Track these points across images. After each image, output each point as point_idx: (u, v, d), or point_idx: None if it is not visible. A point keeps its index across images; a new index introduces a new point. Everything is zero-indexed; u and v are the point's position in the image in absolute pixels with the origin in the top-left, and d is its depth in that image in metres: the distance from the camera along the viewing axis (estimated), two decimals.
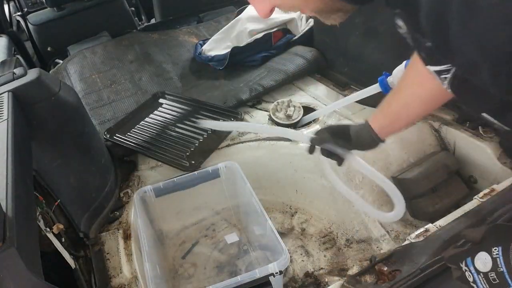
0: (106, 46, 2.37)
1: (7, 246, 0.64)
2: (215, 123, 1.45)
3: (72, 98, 1.19)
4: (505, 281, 0.54)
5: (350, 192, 1.14)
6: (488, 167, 1.29)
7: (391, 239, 1.31)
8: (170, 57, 2.20)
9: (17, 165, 0.80)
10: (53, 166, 1.13)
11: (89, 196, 1.28)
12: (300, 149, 1.47)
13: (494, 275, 0.55)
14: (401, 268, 0.82)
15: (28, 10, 2.78)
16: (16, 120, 0.93)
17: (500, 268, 0.54)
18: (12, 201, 0.71)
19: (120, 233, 1.26)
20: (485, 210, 0.90)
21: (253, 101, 1.75)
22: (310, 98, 1.74)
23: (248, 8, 2.16)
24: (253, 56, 1.96)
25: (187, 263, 1.44)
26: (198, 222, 1.57)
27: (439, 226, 0.91)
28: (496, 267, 0.55)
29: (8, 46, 2.30)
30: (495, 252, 0.56)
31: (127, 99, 1.90)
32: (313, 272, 1.32)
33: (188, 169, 1.40)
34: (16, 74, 1.08)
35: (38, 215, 0.97)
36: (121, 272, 1.14)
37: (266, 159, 1.53)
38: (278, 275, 1.04)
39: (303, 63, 1.83)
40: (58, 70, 2.22)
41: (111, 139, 1.56)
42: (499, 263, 0.55)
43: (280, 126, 1.56)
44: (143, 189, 1.37)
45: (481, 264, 0.57)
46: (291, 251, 1.39)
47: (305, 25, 2.05)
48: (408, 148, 1.43)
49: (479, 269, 0.58)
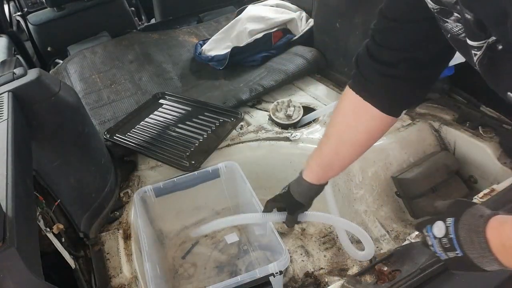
0: (106, 46, 2.37)
1: (7, 246, 0.64)
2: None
3: (72, 98, 1.19)
4: (453, 246, 0.64)
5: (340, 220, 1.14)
6: (488, 167, 1.29)
7: (391, 239, 1.31)
8: (170, 57, 2.20)
9: (17, 165, 0.80)
10: (53, 166, 1.13)
11: (89, 196, 1.28)
12: (301, 149, 1.47)
13: (446, 240, 0.66)
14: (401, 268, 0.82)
15: (28, 10, 2.78)
16: (16, 120, 0.93)
17: (451, 235, 0.65)
18: (12, 201, 0.71)
19: (120, 233, 1.26)
20: None
21: (253, 101, 1.75)
22: (310, 98, 1.74)
23: (248, 8, 2.16)
24: (253, 56, 1.96)
25: (187, 263, 1.44)
26: (198, 222, 1.56)
27: None
28: (448, 234, 0.65)
29: (8, 46, 2.30)
30: (448, 222, 0.66)
31: (127, 99, 1.90)
32: (313, 272, 1.32)
33: (188, 169, 1.40)
34: (16, 74, 1.08)
35: (38, 215, 0.97)
36: (121, 272, 1.14)
37: (266, 159, 1.53)
38: (278, 275, 1.04)
39: (303, 63, 1.83)
40: (58, 70, 2.22)
41: (111, 139, 1.56)
42: (450, 231, 0.65)
43: (280, 128, 1.57)
44: (143, 189, 1.37)
45: (437, 231, 0.68)
46: (291, 251, 1.39)
47: (305, 25, 2.05)
48: (408, 148, 1.43)
49: (436, 235, 0.68)
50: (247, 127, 1.60)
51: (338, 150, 0.91)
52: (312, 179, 0.97)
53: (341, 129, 0.90)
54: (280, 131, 1.55)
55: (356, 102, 0.85)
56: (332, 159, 0.93)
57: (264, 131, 1.56)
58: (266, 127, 1.58)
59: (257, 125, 1.60)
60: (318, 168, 0.96)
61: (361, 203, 1.37)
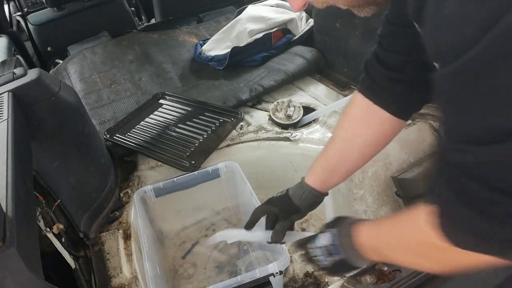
0: (106, 46, 2.37)
1: (7, 246, 0.64)
2: None
3: (72, 98, 1.19)
4: (337, 250, 0.77)
5: None
6: None
7: None
8: (170, 57, 2.20)
9: (17, 165, 0.80)
10: (53, 166, 1.13)
11: (89, 196, 1.28)
12: (301, 149, 1.47)
13: (332, 247, 0.78)
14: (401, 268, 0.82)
15: (28, 10, 2.78)
16: (16, 120, 0.93)
17: (336, 242, 0.78)
18: (12, 201, 0.71)
19: (120, 233, 1.26)
20: None
21: (253, 101, 1.75)
22: (310, 98, 1.74)
23: (248, 8, 2.16)
24: (253, 56, 1.96)
25: (187, 263, 1.44)
26: (198, 222, 1.57)
27: None
28: (333, 241, 0.78)
29: (8, 46, 2.30)
30: (333, 232, 0.79)
31: (127, 99, 1.90)
32: (313, 272, 1.32)
33: (188, 169, 1.40)
34: (16, 74, 1.08)
35: (38, 215, 0.97)
36: (121, 272, 1.14)
37: (266, 159, 1.53)
38: (278, 275, 1.04)
39: (303, 63, 1.83)
40: (58, 70, 2.22)
41: (111, 139, 1.56)
42: (335, 239, 0.78)
43: (280, 128, 1.57)
44: (143, 189, 1.37)
45: (324, 241, 0.80)
46: (291, 251, 1.39)
47: (305, 25, 2.05)
48: (408, 148, 1.43)
49: (323, 244, 0.80)
50: (247, 127, 1.60)
51: (345, 154, 0.90)
52: (314, 183, 0.94)
53: (350, 132, 0.89)
54: (280, 131, 1.55)
55: (365, 106, 0.85)
56: (338, 163, 0.91)
57: (264, 131, 1.56)
58: (266, 127, 1.58)
59: (257, 125, 1.60)
60: (322, 171, 0.93)
61: (361, 203, 1.37)
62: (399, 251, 0.69)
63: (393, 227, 0.69)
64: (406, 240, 0.66)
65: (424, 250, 0.63)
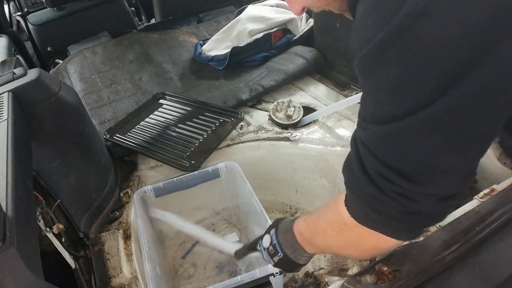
0: (106, 46, 2.37)
1: (7, 246, 0.64)
2: None
3: (72, 98, 1.19)
4: (277, 250, 0.81)
5: None
6: (488, 167, 1.29)
7: None
8: (170, 57, 2.20)
9: (17, 165, 0.80)
10: (53, 166, 1.12)
11: (89, 196, 1.28)
12: (301, 149, 1.47)
13: (271, 247, 0.82)
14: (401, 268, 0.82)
15: (28, 10, 2.78)
16: (16, 120, 0.93)
17: (274, 241, 0.81)
18: (12, 201, 0.71)
19: (120, 233, 1.26)
20: (485, 210, 0.90)
21: (253, 101, 1.75)
22: (310, 98, 1.74)
23: (248, 8, 2.16)
24: (253, 56, 1.96)
25: (187, 263, 1.44)
26: (198, 222, 1.57)
27: (439, 226, 0.91)
28: (272, 241, 0.82)
29: (8, 46, 2.31)
30: (272, 232, 0.83)
31: (127, 99, 1.90)
32: (313, 272, 1.32)
33: (188, 169, 1.40)
34: (16, 74, 1.08)
35: (38, 215, 0.97)
36: (121, 272, 1.14)
37: (266, 159, 1.53)
38: (278, 275, 1.04)
39: (303, 63, 1.83)
40: (58, 70, 2.22)
41: (111, 139, 1.56)
42: (273, 239, 0.82)
43: (280, 128, 1.57)
44: (143, 189, 1.37)
45: (265, 242, 0.84)
46: None
47: (305, 25, 2.05)
48: None
49: (265, 246, 0.84)
50: (247, 127, 1.60)
51: None
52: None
53: None
54: (280, 131, 1.55)
55: None
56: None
57: (264, 131, 1.56)
58: (266, 127, 1.58)
59: (257, 125, 1.60)
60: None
61: None
62: (326, 236, 0.71)
63: (322, 213, 0.72)
64: (329, 223, 0.69)
65: (337, 229, 0.67)
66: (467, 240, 0.83)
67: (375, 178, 0.52)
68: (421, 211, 0.52)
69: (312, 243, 0.77)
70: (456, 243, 0.82)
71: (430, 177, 0.49)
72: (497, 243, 0.82)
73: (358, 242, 0.64)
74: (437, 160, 0.48)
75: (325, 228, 0.70)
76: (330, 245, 0.72)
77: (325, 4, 0.65)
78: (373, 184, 0.52)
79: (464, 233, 0.84)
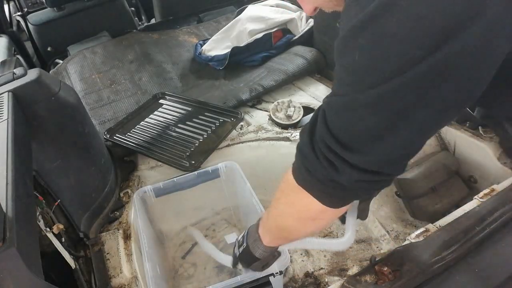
0: (106, 46, 2.37)
1: (7, 246, 0.64)
2: None
3: (72, 98, 1.19)
4: (244, 241, 0.90)
5: None
6: (488, 167, 1.29)
7: (391, 239, 1.31)
8: (170, 57, 2.20)
9: (17, 165, 0.80)
10: (53, 166, 1.12)
11: (89, 196, 1.28)
12: None
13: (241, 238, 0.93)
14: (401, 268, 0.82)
15: (28, 10, 2.78)
16: (16, 120, 0.93)
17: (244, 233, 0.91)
18: (12, 201, 0.71)
19: (120, 233, 1.26)
20: (485, 210, 0.90)
21: (253, 101, 1.75)
22: (310, 98, 1.74)
23: (248, 8, 2.16)
24: (253, 56, 1.96)
25: (187, 263, 1.44)
26: (198, 222, 1.57)
27: (439, 226, 0.91)
28: (244, 233, 0.92)
29: (8, 46, 2.31)
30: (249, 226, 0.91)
31: (127, 99, 1.90)
32: (313, 272, 1.32)
33: (188, 169, 1.40)
34: (16, 74, 1.08)
35: (38, 215, 0.97)
36: (121, 272, 1.14)
37: (266, 159, 1.52)
38: (278, 275, 1.04)
39: (303, 63, 1.83)
40: (58, 70, 2.22)
41: (111, 139, 1.56)
42: (244, 232, 0.92)
43: (280, 128, 1.57)
44: (143, 189, 1.37)
45: (240, 236, 0.95)
46: (291, 251, 1.39)
47: (305, 25, 2.05)
48: None
49: (237, 239, 0.96)
50: (247, 127, 1.60)
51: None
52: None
53: None
54: (280, 131, 1.55)
55: None
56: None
57: (264, 131, 1.56)
58: (266, 127, 1.58)
59: (257, 125, 1.60)
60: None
61: None
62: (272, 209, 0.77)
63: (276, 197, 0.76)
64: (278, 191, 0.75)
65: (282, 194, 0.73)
66: (467, 240, 0.83)
67: (317, 142, 0.59)
68: (339, 181, 0.58)
69: (264, 225, 0.84)
70: (456, 243, 0.82)
71: (362, 147, 0.55)
72: (497, 243, 0.82)
73: (295, 205, 0.70)
74: (374, 135, 0.53)
75: (274, 199, 0.76)
76: (274, 217, 0.78)
77: (335, 5, 0.66)
78: (312, 147, 0.60)
79: (464, 233, 0.84)
